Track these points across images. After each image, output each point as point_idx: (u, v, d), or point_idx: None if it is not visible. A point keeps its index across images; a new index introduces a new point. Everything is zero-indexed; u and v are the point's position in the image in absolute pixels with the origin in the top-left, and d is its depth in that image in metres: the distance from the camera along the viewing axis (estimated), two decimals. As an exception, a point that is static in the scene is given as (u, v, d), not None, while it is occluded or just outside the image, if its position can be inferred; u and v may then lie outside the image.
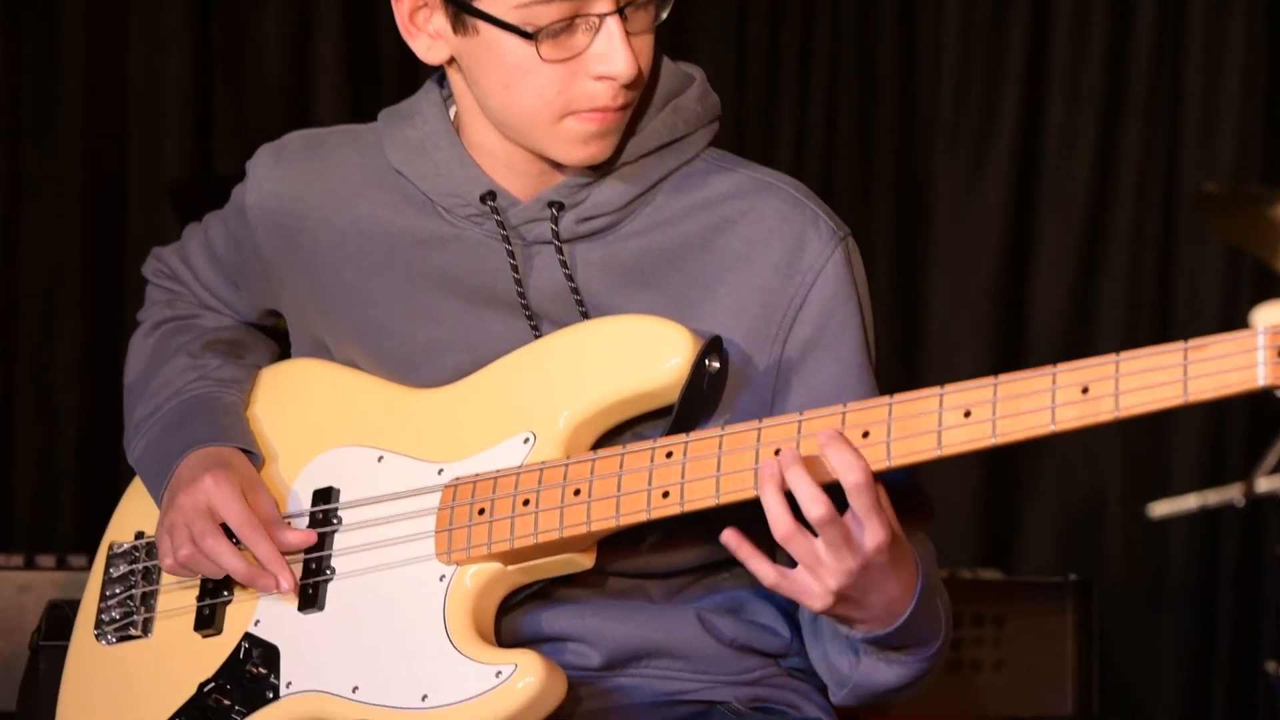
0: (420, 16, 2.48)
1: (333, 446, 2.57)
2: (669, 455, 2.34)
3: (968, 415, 2.20)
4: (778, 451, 2.28)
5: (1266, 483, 4.97)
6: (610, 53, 2.39)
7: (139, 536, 2.67)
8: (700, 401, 2.40)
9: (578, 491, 2.37)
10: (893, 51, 5.88)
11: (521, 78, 2.41)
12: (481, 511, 2.42)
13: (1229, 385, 2.05)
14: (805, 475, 2.23)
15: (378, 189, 2.58)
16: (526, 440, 2.44)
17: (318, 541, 2.52)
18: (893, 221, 5.88)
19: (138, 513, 2.69)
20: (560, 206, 2.49)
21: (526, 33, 2.38)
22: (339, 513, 2.53)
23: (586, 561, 2.43)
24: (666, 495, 2.33)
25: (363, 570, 2.49)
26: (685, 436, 2.34)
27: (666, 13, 2.43)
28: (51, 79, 5.46)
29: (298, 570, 2.51)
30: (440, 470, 2.48)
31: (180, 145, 5.53)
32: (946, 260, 5.85)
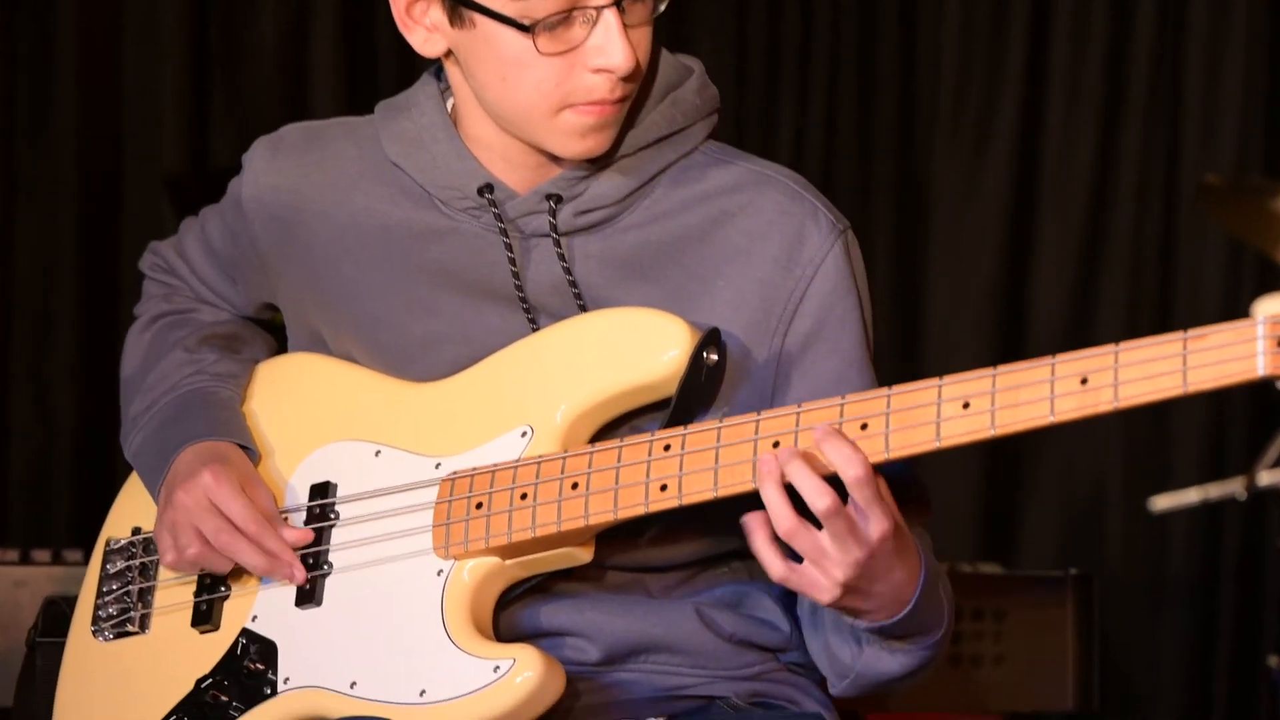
0: (417, 9, 2.47)
1: (330, 441, 2.57)
2: (667, 448, 2.34)
3: (966, 407, 2.19)
4: (776, 444, 2.27)
5: (1268, 476, 4.96)
6: (608, 45, 2.38)
7: (136, 532, 2.67)
8: (698, 394, 2.39)
9: (575, 485, 2.37)
10: (892, 49, 5.88)
11: (519, 71, 2.40)
12: (479, 506, 2.41)
13: (1228, 375, 2.05)
14: (806, 468, 2.23)
15: (375, 181, 2.57)
16: (524, 434, 2.43)
17: (315, 536, 2.51)
18: (893, 220, 5.88)
19: (134, 508, 2.68)
20: (558, 199, 2.48)
21: (523, 25, 2.38)
22: (336, 507, 2.52)
23: (585, 555, 2.42)
24: (665, 488, 2.33)
25: (360, 565, 2.48)
26: (683, 429, 2.34)
27: (665, 5, 2.42)
28: (46, 75, 5.46)
29: (296, 564, 2.52)
30: (438, 464, 2.47)
31: (176, 139, 5.53)
32: (947, 258, 5.85)
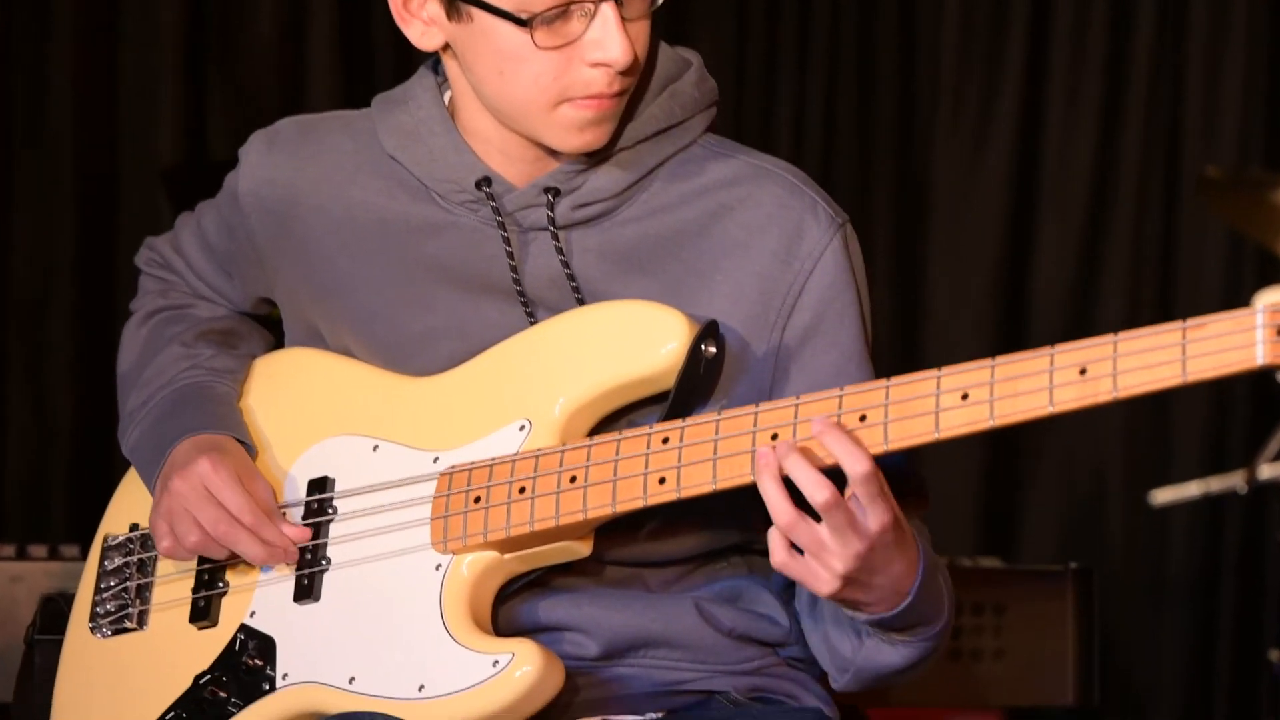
0: (414, 3, 2.47)
1: (328, 436, 2.56)
2: (665, 441, 2.33)
3: (965, 398, 2.18)
4: (775, 436, 2.27)
5: (1269, 470, 4.96)
6: (606, 39, 2.38)
7: (133, 528, 2.66)
8: (696, 387, 2.39)
9: (574, 478, 2.36)
10: (892, 44, 5.87)
11: (516, 65, 2.40)
12: (477, 500, 2.41)
13: (1227, 365, 2.04)
14: (804, 461, 2.22)
15: (372, 175, 2.57)
16: (522, 427, 2.43)
17: (313, 532, 2.51)
18: (892, 216, 5.88)
19: (132, 504, 2.68)
20: (556, 192, 2.48)
21: (521, 19, 2.37)
22: (334, 502, 2.52)
23: (584, 549, 2.42)
24: (663, 481, 2.32)
25: (358, 560, 2.48)
26: (682, 422, 2.33)
27: (662, -1, 2.43)
28: (43, 71, 5.45)
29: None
30: (436, 458, 2.47)
31: (173, 133, 5.52)
32: (946, 254, 5.84)
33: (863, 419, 2.24)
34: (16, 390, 5.48)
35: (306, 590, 2.49)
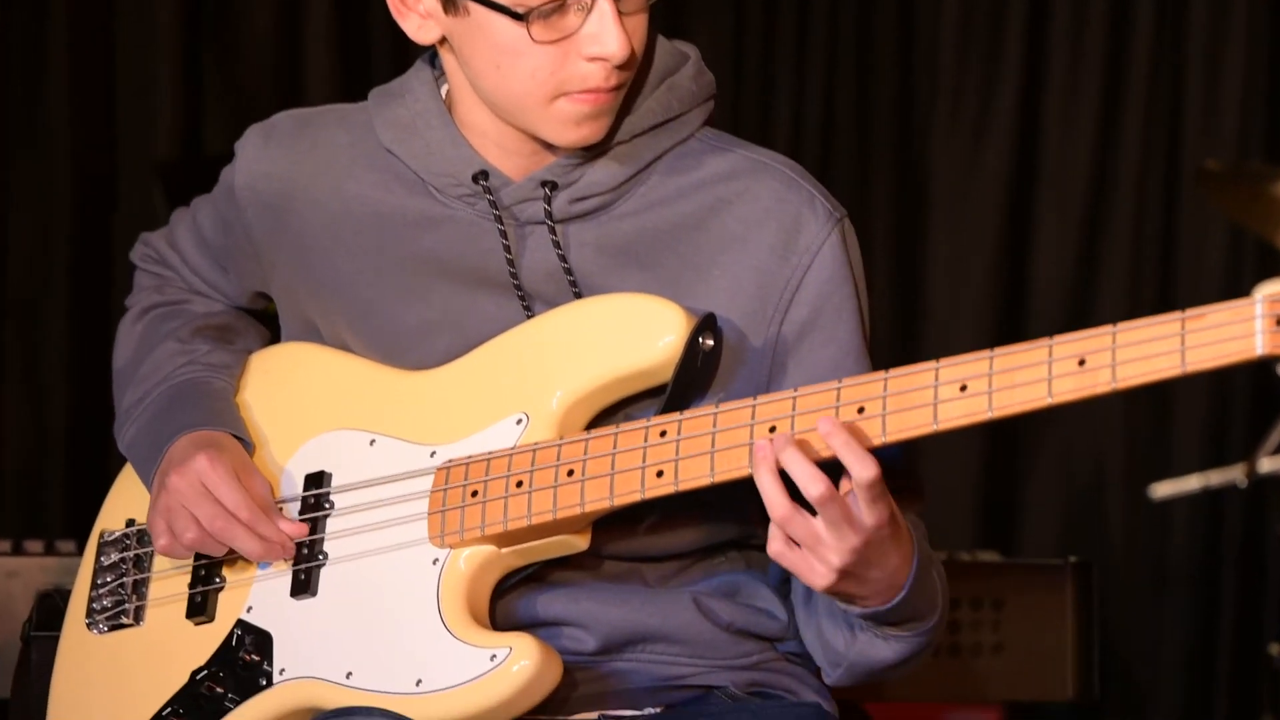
0: (411, -4, 2.47)
1: (324, 430, 2.56)
2: (663, 434, 2.33)
3: (964, 389, 2.18)
4: (773, 429, 2.27)
5: (1269, 463, 4.96)
6: (602, 33, 2.37)
7: (130, 524, 2.66)
8: (694, 380, 2.38)
9: (571, 472, 2.36)
10: (891, 34, 5.87)
11: (513, 59, 2.39)
12: (475, 494, 2.40)
13: (1226, 355, 2.03)
14: (800, 455, 2.22)
15: (368, 169, 2.56)
16: (519, 421, 2.42)
17: (310, 527, 2.50)
18: (892, 207, 5.87)
19: (128, 500, 2.68)
20: (553, 186, 2.47)
21: (517, 14, 2.37)
22: (331, 497, 2.51)
23: (581, 543, 2.41)
24: (661, 474, 2.32)
25: (355, 555, 2.48)
26: (679, 415, 2.33)
27: (660, -9, 2.42)
28: (39, 66, 5.45)
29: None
30: (433, 453, 2.46)
31: (170, 127, 5.52)
32: (946, 245, 5.84)
33: (861, 411, 2.23)
34: (13, 386, 5.48)
35: (303, 585, 2.49)
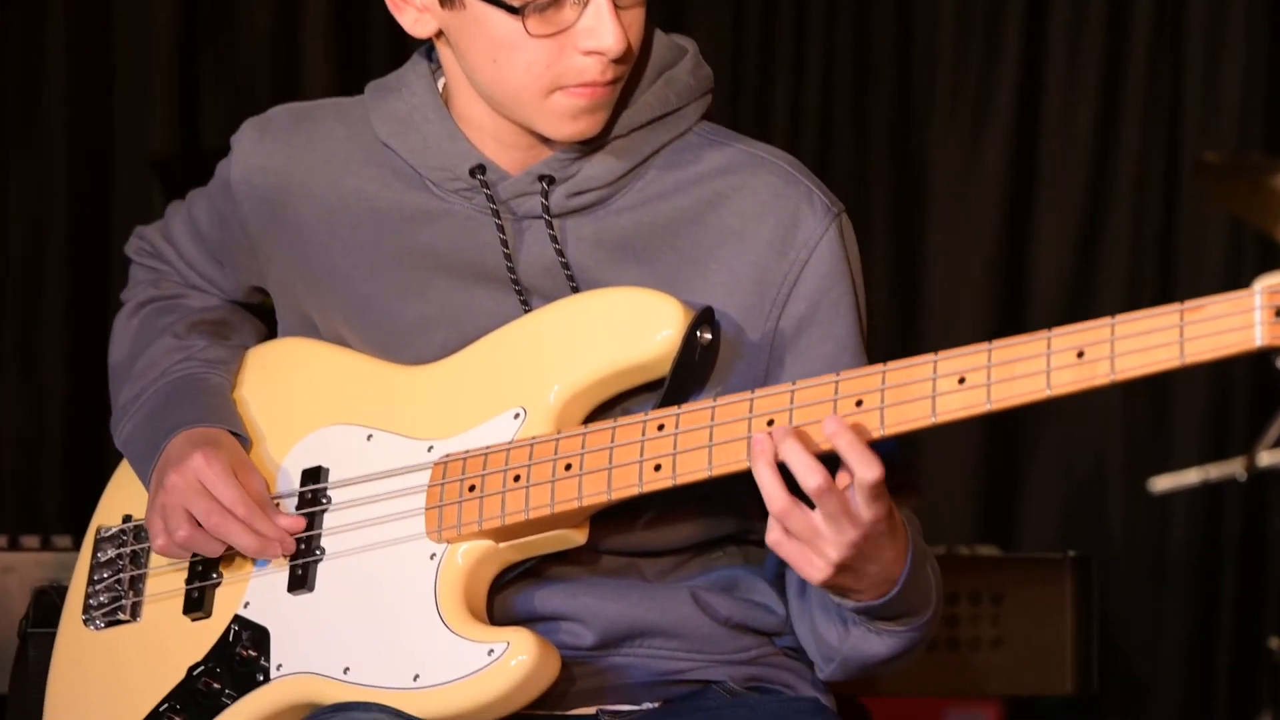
0: (407, -10, 2.46)
1: (321, 426, 2.55)
2: (661, 428, 2.32)
3: (962, 382, 2.17)
4: (771, 422, 2.26)
5: (1269, 457, 4.96)
6: (598, 27, 2.37)
7: (126, 520, 2.65)
8: (692, 373, 2.38)
9: (569, 466, 2.35)
10: (889, 28, 5.86)
11: (509, 53, 2.39)
12: (472, 488, 2.40)
13: (1226, 346, 2.03)
14: (799, 446, 2.22)
15: (364, 163, 2.56)
16: (517, 415, 2.42)
17: (307, 522, 2.50)
18: (890, 201, 5.87)
19: (125, 496, 2.67)
20: (551, 180, 2.47)
21: (513, 7, 2.36)
22: (328, 492, 2.51)
23: (579, 537, 2.41)
24: (659, 468, 2.31)
25: (353, 550, 2.47)
26: (677, 409, 2.33)
27: (657, -14, 2.42)
28: (36, 58, 5.45)
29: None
30: (430, 447, 2.46)
31: (166, 121, 5.52)
32: (944, 243, 5.84)
33: (859, 404, 2.23)
34: (9, 381, 5.48)
35: (301, 581, 2.48)
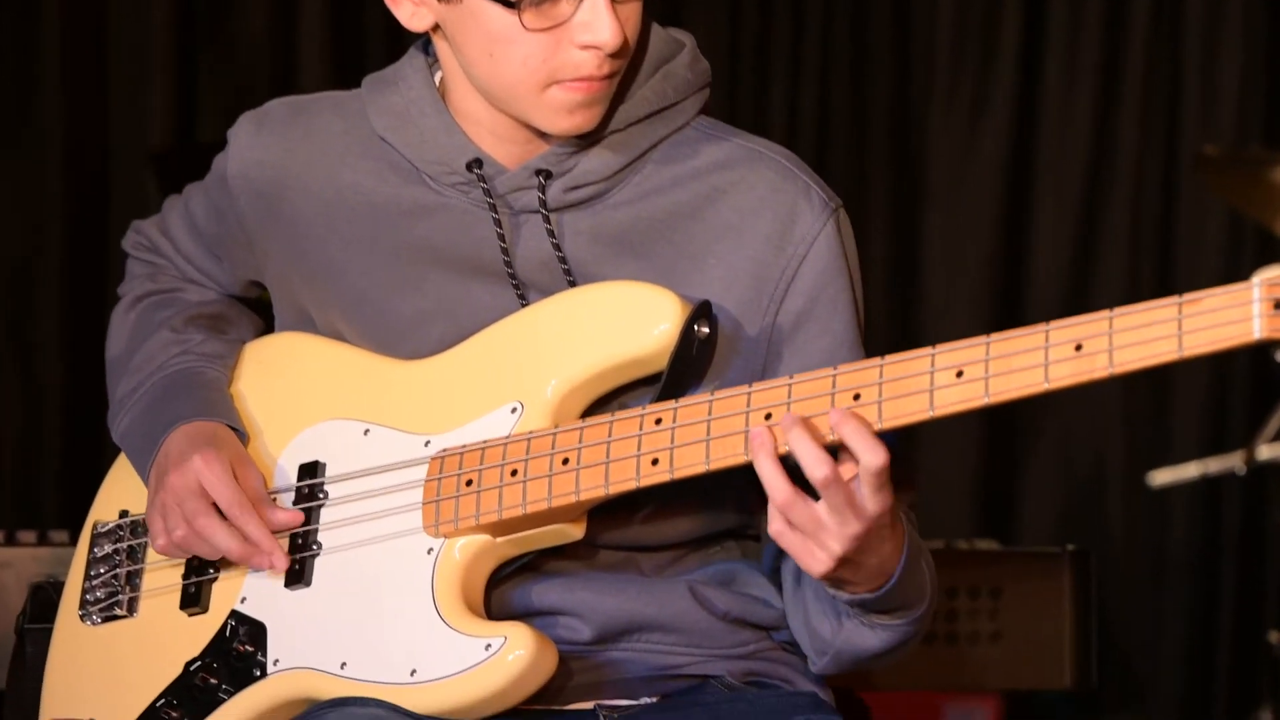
0: (404, -17, 2.46)
1: (318, 420, 2.55)
2: (658, 422, 2.32)
3: (960, 375, 2.17)
4: (768, 416, 2.26)
5: (1268, 450, 4.96)
6: (595, 21, 2.36)
7: (123, 515, 2.65)
8: (689, 367, 2.37)
9: (566, 460, 2.35)
10: (887, 21, 5.86)
11: (505, 46, 2.38)
12: (469, 483, 2.40)
13: (1224, 339, 2.03)
14: (807, 435, 2.21)
15: (361, 157, 2.55)
16: (514, 410, 2.41)
17: (304, 517, 2.49)
18: (888, 195, 5.87)
19: (122, 491, 2.67)
20: (548, 175, 2.46)
21: (509, 1, 2.35)
22: (325, 487, 2.50)
23: (576, 532, 2.40)
24: (656, 462, 2.31)
25: (350, 545, 2.47)
26: (674, 403, 2.32)
27: (654, -19, 2.41)
28: (32, 53, 5.45)
29: (284, 546, 2.49)
30: (427, 442, 2.46)
31: (163, 115, 5.52)
32: (942, 238, 5.84)
33: (856, 398, 2.22)
34: (6, 375, 5.48)
35: (298, 575, 2.48)
